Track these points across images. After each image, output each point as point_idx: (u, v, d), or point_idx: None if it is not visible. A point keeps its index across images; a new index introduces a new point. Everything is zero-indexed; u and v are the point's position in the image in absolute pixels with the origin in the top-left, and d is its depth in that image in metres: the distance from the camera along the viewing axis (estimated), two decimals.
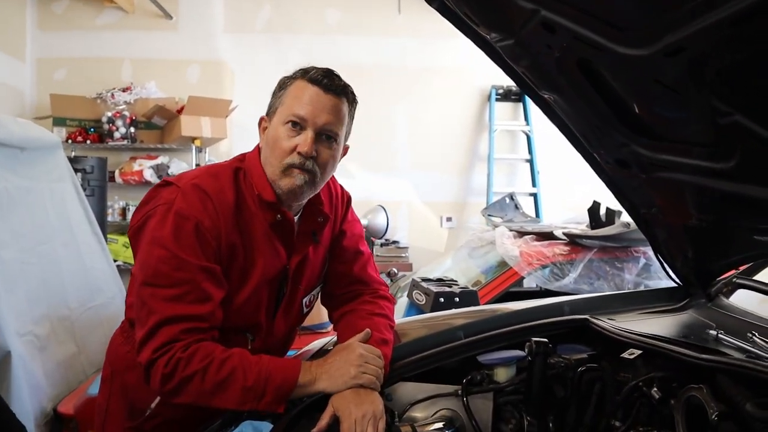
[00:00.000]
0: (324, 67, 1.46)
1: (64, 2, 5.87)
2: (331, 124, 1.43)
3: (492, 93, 5.96)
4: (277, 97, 1.47)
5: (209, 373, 1.28)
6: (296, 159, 1.41)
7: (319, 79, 1.41)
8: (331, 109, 1.42)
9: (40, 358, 2.98)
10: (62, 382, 3.11)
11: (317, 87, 1.41)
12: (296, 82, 1.44)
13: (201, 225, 1.36)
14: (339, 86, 1.44)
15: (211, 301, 1.36)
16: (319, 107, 1.41)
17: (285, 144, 1.41)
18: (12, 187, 3.15)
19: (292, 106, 1.41)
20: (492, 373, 1.48)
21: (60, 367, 3.13)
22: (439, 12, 1.41)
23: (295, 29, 5.93)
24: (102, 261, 3.82)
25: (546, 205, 5.90)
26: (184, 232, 1.35)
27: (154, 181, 5.44)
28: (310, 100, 1.41)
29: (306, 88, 1.42)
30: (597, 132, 1.46)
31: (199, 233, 1.36)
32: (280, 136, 1.42)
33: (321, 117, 1.41)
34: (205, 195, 1.39)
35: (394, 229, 5.78)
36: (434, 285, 2.67)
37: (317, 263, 1.60)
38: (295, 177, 1.42)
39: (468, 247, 3.75)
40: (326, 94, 1.42)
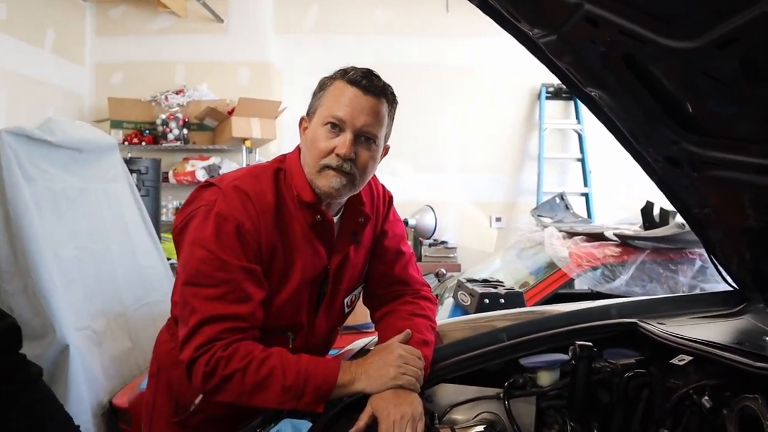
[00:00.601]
0: (364, 68, 1.45)
1: (121, 8, 6.05)
2: (370, 125, 1.42)
3: (542, 91, 5.87)
4: (317, 98, 1.46)
5: (249, 372, 1.29)
6: (334, 161, 1.40)
7: (358, 80, 1.41)
8: (370, 111, 1.41)
9: (97, 353, 3.08)
10: (117, 375, 3.21)
11: (356, 88, 1.40)
12: (335, 82, 1.44)
13: (242, 226, 1.37)
14: (378, 87, 1.43)
15: (251, 301, 1.37)
16: (358, 109, 1.40)
17: (323, 145, 1.41)
18: (69, 188, 3.27)
19: (330, 108, 1.41)
20: (535, 376, 1.44)
21: (115, 361, 3.23)
22: (480, 9, 1.38)
23: (343, 30, 5.96)
24: (156, 259, 3.92)
25: (598, 205, 5.77)
26: (225, 233, 1.36)
27: None
28: (349, 102, 1.40)
29: (345, 89, 1.41)
30: (645, 129, 1.41)
31: (240, 234, 1.37)
32: (318, 137, 1.42)
33: (360, 118, 1.40)
34: (246, 196, 1.41)
35: (442, 229, 5.75)
36: (479, 286, 2.64)
37: (358, 263, 1.60)
38: (331, 179, 1.41)
39: (516, 248, 3.69)
40: (365, 95, 1.41)
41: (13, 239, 2.83)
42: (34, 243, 2.82)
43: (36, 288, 2.79)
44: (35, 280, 2.79)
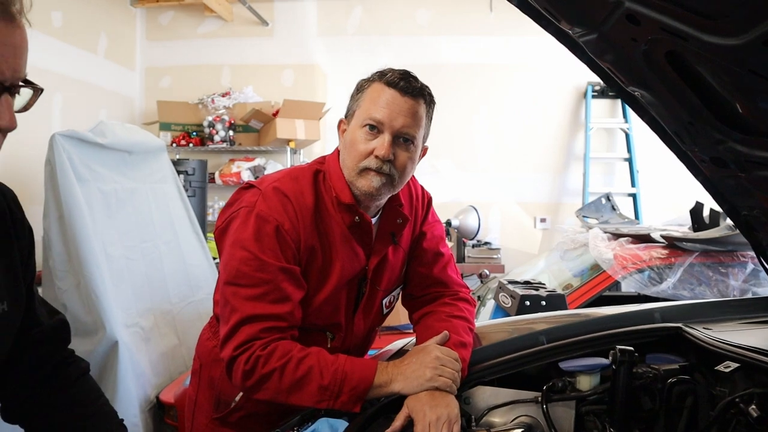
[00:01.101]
0: (401, 69, 1.46)
1: (169, 14, 6.21)
2: (408, 126, 1.42)
3: (588, 90, 5.75)
4: (355, 100, 1.48)
5: (287, 371, 1.31)
6: (373, 162, 1.42)
7: (395, 82, 1.41)
8: (408, 112, 1.42)
9: (145, 349, 3.16)
10: (164, 372, 3.29)
11: (394, 90, 1.41)
12: (373, 84, 1.45)
13: (281, 227, 1.39)
14: (416, 88, 1.43)
15: (290, 301, 1.39)
16: (396, 110, 1.40)
17: (362, 147, 1.42)
18: (120, 189, 3.36)
19: (369, 110, 1.42)
20: (574, 380, 1.42)
21: (163, 357, 3.31)
22: (519, 9, 1.37)
23: (386, 31, 5.97)
24: (202, 258, 4.01)
25: (646, 206, 5.63)
26: (265, 233, 1.38)
27: None
28: (387, 104, 1.41)
29: (383, 91, 1.42)
30: (690, 129, 1.37)
31: (280, 235, 1.39)
32: (357, 139, 1.43)
33: (398, 120, 1.41)
34: (286, 198, 1.43)
35: (486, 229, 5.71)
36: (520, 288, 2.61)
37: (397, 265, 1.61)
38: (371, 179, 1.43)
39: (560, 250, 3.64)
40: (403, 96, 1.41)
41: (66, 238, 2.93)
42: (86, 242, 2.91)
43: (88, 285, 2.88)
44: (87, 277, 2.88)
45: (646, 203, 5.64)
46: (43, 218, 3.01)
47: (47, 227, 2.97)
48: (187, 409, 1.73)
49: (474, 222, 4.99)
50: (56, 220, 2.96)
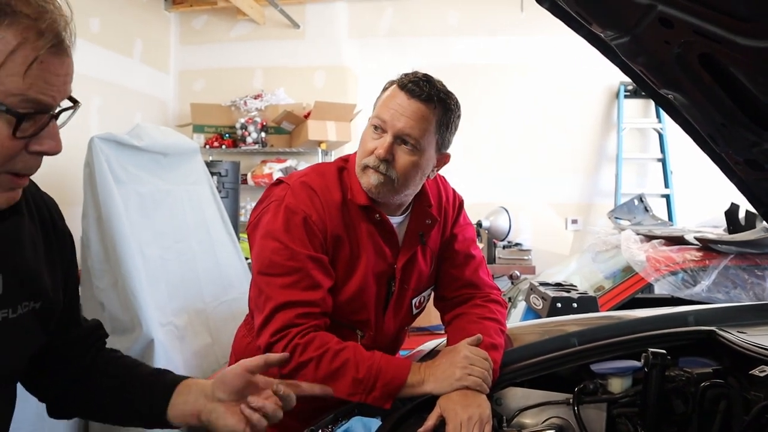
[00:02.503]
0: (420, 73, 1.48)
1: (203, 18, 6.31)
2: (410, 128, 1.43)
3: (620, 90, 5.69)
4: (376, 100, 1.52)
5: (324, 361, 1.35)
6: (371, 160, 1.46)
7: (405, 84, 1.45)
8: (413, 115, 1.43)
9: (179, 347, 3.23)
10: (198, 370, 3.35)
11: (403, 92, 1.45)
12: (392, 87, 1.49)
13: (309, 218, 1.45)
14: (424, 92, 1.44)
15: (321, 288, 1.44)
16: (400, 112, 1.43)
17: (368, 145, 1.48)
18: (155, 190, 3.44)
19: (379, 110, 1.47)
20: (606, 383, 1.42)
21: (196, 355, 3.37)
22: (550, 12, 1.38)
23: (417, 32, 5.98)
24: (234, 258, 4.07)
25: (680, 207, 5.54)
26: (294, 224, 1.44)
27: None
28: (393, 104, 1.45)
29: (395, 93, 1.46)
30: (723, 131, 1.36)
31: (307, 225, 1.45)
32: (365, 138, 1.49)
33: (400, 121, 1.43)
34: (312, 191, 1.48)
35: (516, 231, 5.68)
36: (552, 289, 2.60)
37: (426, 266, 1.63)
38: (370, 176, 1.47)
39: (592, 251, 3.61)
40: (410, 99, 1.44)
41: (104, 238, 3.00)
42: (123, 242, 2.98)
43: (125, 284, 2.95)
44: (124, 277, 2.95)
45: (680, 204, 5.56)
46: (82, 219, 3.09)
47: (86, 228, 3.05)
48: None
49: (505, 223, 4.98)
50: (95, 220, 3.03)
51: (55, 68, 0.86)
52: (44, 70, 0.84)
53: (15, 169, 0.89)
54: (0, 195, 0.91)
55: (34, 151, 0.89)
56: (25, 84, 0.83)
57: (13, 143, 0.86)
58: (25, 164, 0.90)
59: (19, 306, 1.00)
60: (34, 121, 0.87)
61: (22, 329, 1.02)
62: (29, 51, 0.82)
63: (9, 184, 0.91)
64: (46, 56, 0.84)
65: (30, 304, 1.03)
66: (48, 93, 0.86)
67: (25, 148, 0.88)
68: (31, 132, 0.87)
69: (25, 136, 0.86)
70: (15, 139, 0.85)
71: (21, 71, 0.82)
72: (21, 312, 1.01)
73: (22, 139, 0.86)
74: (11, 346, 1.01)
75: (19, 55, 0.82)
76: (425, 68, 1.53)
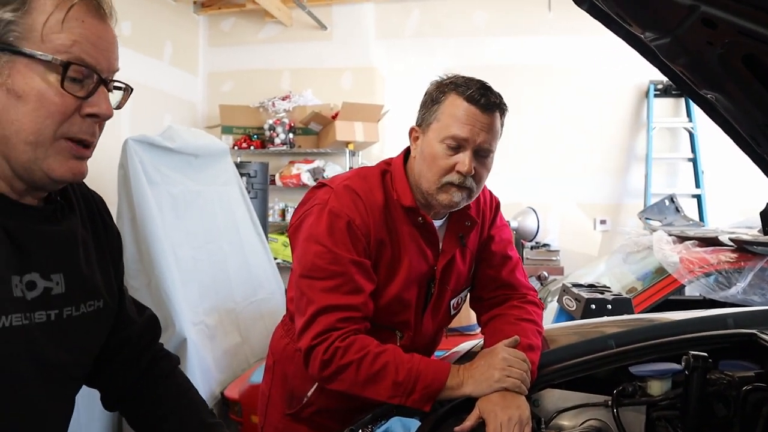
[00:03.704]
0: (477, 81, 1.48)
1: (231, 20, 6.37)
2: (489, 142, 1.46)
3: (650, 89, 5.62)
4: (431, 111, 1.50)
5: (364, 364, 1.36)
6: (455, 177, 1.46)
7: (476, 98, 1.44)
8: (488, 128, 1.45)
9: (210, 346, 3.26)
10: (228, 369, 3.39)
11: (475, 107, 1.44)
12: (450, 98, 1.47)
13: (352, 222, 1.45)
14: (495, 103, 1.46)
15: (362, 293, 1.44)
16: (478, 127, 1.44)
17: (443, 162, 1.46)
18: (187, 191, 3.48)
19: (450, 126, 1.45)
20: (645, 385, 1.41)
21: (227, 355, 3.41)
22: (589, 13, 1.37)
23: (444, 33, 5.98)
24: (264, 259, 4.11)
25: (711, 207, 5.45)
26: (337, 228, 1.44)
27: (311, 183, 5.74)
28: (468, 120, 1.44)
29: (463, 107, 1.44)
30: (766, 132, 1.35)
31: (351, 230, 1.45)
32: (438, 154, 1.46)
33: (480, 136, 1.44)
34: (356, 195, 1.49)
35: (544, 231, 5.64)
36: (585, 291, 2.58)
37: (464, 266, 1.63)
38: (453, 194, 1.47)
39: (623, 252, 3.58)
40: (484, 113, 1.44)
41: (138, 239, 3.05)
42: (156, 243, 3.03)
43: (158, 284, 2.99)
44: (158, 277, 3.00)
45: (712, 205, 5.47)
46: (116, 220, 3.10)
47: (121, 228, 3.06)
48: (260, 405, 1.80)
49: (533, 224, 4.95)
50: (129, 221, 3.08)
51: (95, 29, 0.92)
52: (85, 29, 0.90)
53: (71, 132, 0.93)
54: (63, 164, 0.93)
55: (87, 113, 0.93)
56: (68, 39, 0.89)
57: (64, 100, 0.90)
58: (80, 128, 0.93)
59: (82, 305, 1.03)
60: (83, 84, 0.92)
61: (85, 327, 1.04)
62: (65, 7, 0.89)
63: (71, 151, 0.94)
64: (84, 13, 0.90)
65: (93, 303, 1.06)
66: (91, 53, 0.91)
67: (78, 111, 0.92)
68: (81, 93, 0.91)
69: (76, 95, 0.91)
70: (65, 93, 0.89)
71: (61, 25, 0.88)
72: (84, 311, 1.03)
73: (72, 96, 0.90)
74: (75, 344, 1.03)
75: (59, 11, 0.88)
76: (452, 69, 1.54)
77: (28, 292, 0.94)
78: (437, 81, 1.52)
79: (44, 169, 0.92)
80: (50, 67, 0.88)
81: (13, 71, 0.88)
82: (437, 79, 1.53)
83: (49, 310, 0.97)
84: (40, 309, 0.95)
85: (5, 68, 0.88)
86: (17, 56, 0.88)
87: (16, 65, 0.88)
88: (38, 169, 0.92)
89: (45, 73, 0.89)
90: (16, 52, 0.88)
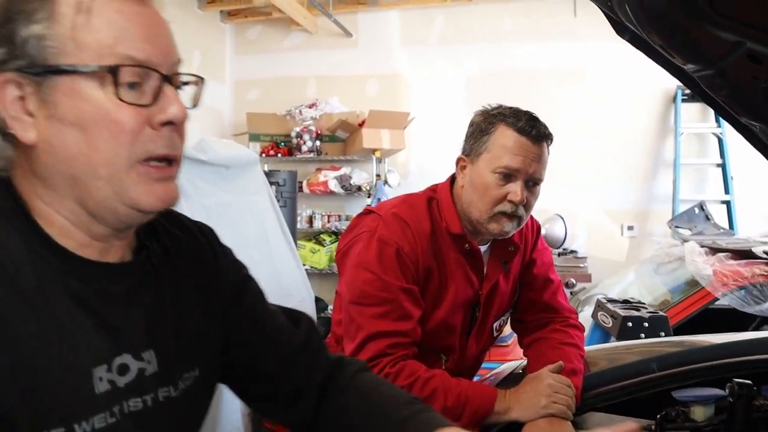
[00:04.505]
0: (525, 112, 1.52)
1: (257, 28, 6.45)
2: (540, 172, 1.52)
3: (678, 94, 5.57)
4: (480, 142, 1.53)
5: (414, 389, 1.39)
6: (508, 207, 1.50)
7: (527, 130, 1.48)
8: (539, 158, 1.50)
9: None
10: None
11: (526, 138, 1.48)
12: (500, 129, 1.50)
13: (401, 250, 1.48)
14: (544, 134, 1.51)
15: (411, 319, 1.47)
16: (530, 157, 1.49)
17: (495, 192, 1.50)
18: (219, 203, 3.53)
19: (501, 158, 1.49)
20: (688, 410, 1.42)
21: None
22: (630, 43, 1.39)
23: (469, 38, 5.98)
24: (293, 267, 4.13)
25: (741, 214, 5.39)
26: (387, 256, 1.48)
27: (338, 191, 5.79)
28: (520, 151, 1.48)
29: (515, 138, 1.49)
30: None
31: (400, 257, 1.48)
32: (490, 185, 1.50)
33: (531, 167, 1.49)
34: (404, 223, 1.52)
35: (572, 237, 5.61)
36: (621, 307, 2.58)
37: (507, 290, 1.67)
38: (504, 223, 1.51)
39: (653, 263, 3.57)
40: (535, 144, 1.49)
41: None
42: None
43: None
44: None
45: (742, 211, 5.42)
46: None
47: None
48: None
49: (560, 231, 4.95)
50: None
51: (137, 15, 0.75)
52: (125, 18, 0.74)
53: (147, 151, 0.76)
54: (149, 192, 0.77)
55: (159, 122, 0.77)
56: (108, 36, 0.73)
57: (126, 114, 0.74)
58: (156, 143, 0.77)
59: (180, 381, 0.87)
60: (143, 88, 0.75)
61: (186, 403, 0.89)
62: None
63: (153, 175, 0.77)
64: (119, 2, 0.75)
65: (191, 373, 0.90)
66: (140, 47, 0.75)
67: (148, 123, 0.76)
68: (144, 100, 0.75)
69: (138, 103, 0.75)
70: (124, 105, 0.74)
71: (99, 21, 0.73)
72: (183, 387, 0.88)
73: (135, 106, 0.75)
74: (179, 424, 0.88)
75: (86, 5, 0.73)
76: (478, 75, 1.57)
77: (119, 377, 0.78)
78: (483, 111, 1.56)
79: (127, 203, 0.77)
80: (97, 77, 0.73)
81: (57, 96, 0.73)
82: (482, 109, 1.57)
83: (145, 395, 0.81)
84: (134, 396, 0.80)
85: (49, 95, 0.73)
86: (57, 76, 0.72)
87: (60, 88, 0.72)
88: (120, 205, 0.77)
89: (94, 87, 0.73)
90: (56, 71, 0.72)
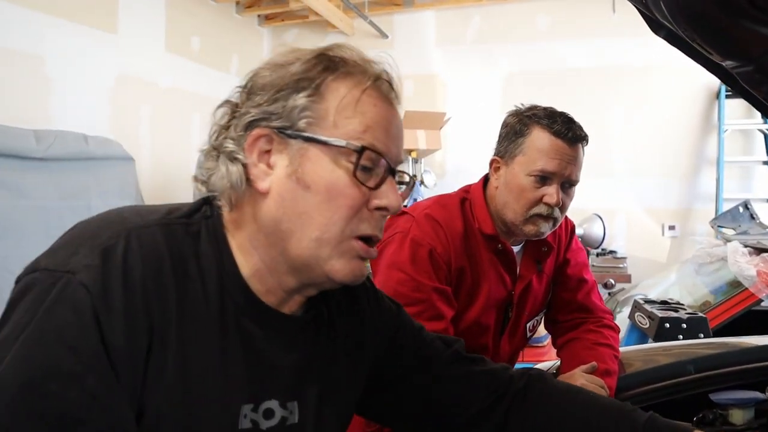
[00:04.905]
0: (560, 113, 1.51)
1: (294, 31, 6.52)
2: (575, 173, 1.51)
3: (721, 90, 5.41)
4: (515, 144, 1.52)
5: None
6: (544, 210, 1.49)
7: (563, 133, 1.47)
8: (575, 160, 1.49)
9: None
10: None
11: (562, 140, 1.47)
12: (536, 131, 1.50)
13: (434, 251, 1.49)
14: (580, 136, 1.50)
15: (444, 319, 1.48)
16: (566, 160, 1.48)
17: (531, 195, 1.49)
18: None
19: (537, 161, 1.48)
20: (726, 413, 1.40)
21: None
22: (666, 41, 1.37)
23: (505, 38, 5.95)
24: None
25: None
26: (420, 257, 1.48)
27: None
28: (556, 155, 1.47)
29: (550, 141, 1.48)
30: None
31: (433, 258, 1.49)
32: (525, 187, 1.50)
33: (567, 169, 1.49)
34: (437, 224, 1.53)
35: (611, 237, 5.52)
36: (658, 308, 2.53)
37: (541, 291, 1.66)
38: (540, 225, 1.51)
39: (695, 263, 3.49)
40: (571, 147, 1.48)
41: None
42: None
43: None
44: None
45: None
46: None
47: None
48: None
49: (599, 231, 4.87)
50: None
51: (386, 114, 0.86)
52: (377, 114, 0.85)
53: (360, 230, 0.85)
54: (347, 266, 0.85)
55: (376, 206, 0.85)
56: (361, 124, 0.83)
57: (354, 191, 0.83)
58: (369, 223, 0.85)
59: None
60: (372, 174, 0.84)
61: None
62: (358, 91, 0.85)
63: (359, 252, 0.85)
64: (376, 98, 0.86)
65: (326, 428, 0.94)
66: (382, 140, 0.85)
67: (366, 204, 0.85)
68: (371, 183, 0.84)
69: (366, 184, 0.84)
70: (356, 184, 0.83)
71: (353, 110, 0.84)
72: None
73: (363, 187, 0.83)
74: None
75: (351, 95, 0.84)
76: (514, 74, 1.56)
77: (264, 420, 0.84)
78: (517, 111, 1.55)
79: (326, 270, 0.84)
80: (343, 153, 0.82)
81: (303, 159, 0.82)
82: (516, 109, 1.56)
83: None
84: None
85: (296, 156, 0.82)
86: (310, 143, 0.82)
87: (308, 152, 0.82)
88: (319, 268, 0.84)
89: (337, 160, 0.82)
90: (309, 139, 0.82)
